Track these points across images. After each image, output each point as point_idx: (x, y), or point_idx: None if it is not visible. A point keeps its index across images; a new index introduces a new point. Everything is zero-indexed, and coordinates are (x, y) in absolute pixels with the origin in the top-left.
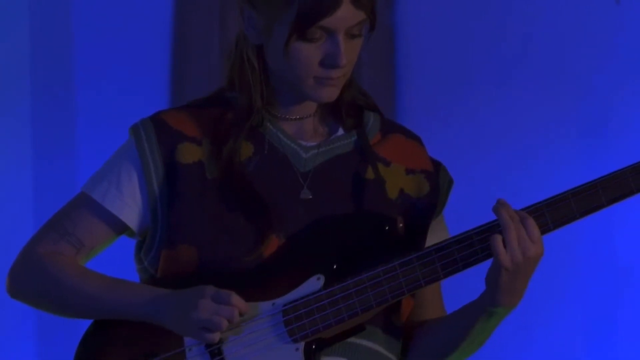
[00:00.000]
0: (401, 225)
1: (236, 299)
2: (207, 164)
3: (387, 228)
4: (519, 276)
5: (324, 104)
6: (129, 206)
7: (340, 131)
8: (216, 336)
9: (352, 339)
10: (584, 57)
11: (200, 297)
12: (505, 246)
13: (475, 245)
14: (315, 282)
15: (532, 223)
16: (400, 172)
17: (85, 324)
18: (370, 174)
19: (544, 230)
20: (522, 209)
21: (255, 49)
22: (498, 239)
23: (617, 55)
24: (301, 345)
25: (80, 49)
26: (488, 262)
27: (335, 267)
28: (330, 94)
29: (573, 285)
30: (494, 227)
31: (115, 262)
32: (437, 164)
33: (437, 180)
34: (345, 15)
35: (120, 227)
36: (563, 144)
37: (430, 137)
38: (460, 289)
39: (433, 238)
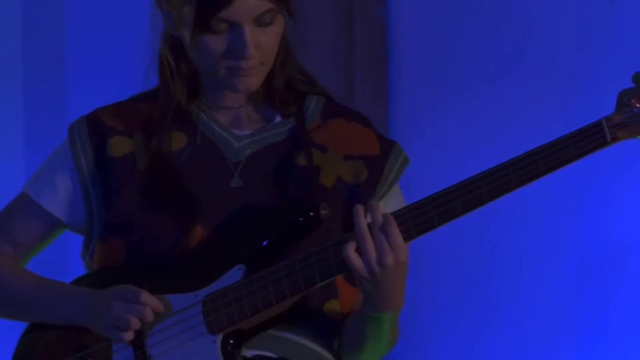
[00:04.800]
0: (325, 212)
1: (145, 297)
2: (138, 156)
3: (311, 214)
4: (383, 284)
5: (256, 92)
6: (64, 202)
7: (278, 118)
8: (127, 335)
9: (276, 332)
10: (578, 54)
11: (112, 296)
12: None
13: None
14: (236, 273)
15: (393, 229)
16: (338, 158)
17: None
18: (302, 161)
19: (407, 237)
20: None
21: (176, 41)
22: (349, 248)
23: (611, 53)
24: (219, 337)
25: (72, 46)
26: (489, 261)
27: (256, 256)
28: (247, 84)
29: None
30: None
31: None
32: (388, 144)
33: (385, 161)
34: (246, 6)
35: (55, 223)
36: None
37: (423, 132)
38: (461, 290)
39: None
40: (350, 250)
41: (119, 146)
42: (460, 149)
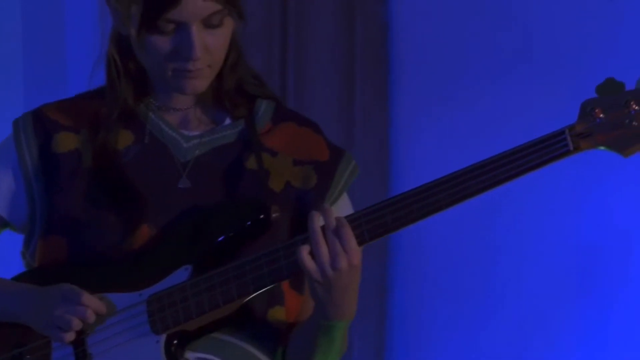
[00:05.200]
0: (276, 214)
1: (87, 298)
2: (84, 153)
3: (261, 217)
4: (336, 289)
5: (205, 94)
6: (7, 199)
7: (227, 121)
8: (68, 335)
9: (219, 336)
10: (578, 55)
11: (55, 295)
12: (314, 258)
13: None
14: (183, 273)
15: (347, 232)
16: (287, 163)
17: None
18: (252, 165)
19: (360, 241)
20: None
21: (124, 40)
22: (304, 251)
23: (611, 53)
24: (162, 337)
25: (72, 46)
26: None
27: (204, 257)
28: (193, 86)
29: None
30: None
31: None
32: (339, 152)
33: (335, 168)
34: (193, 8)
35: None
36: None
37: (423, 132)
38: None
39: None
40: (304, 252)
41: (65, 142)
42: (460, 149)
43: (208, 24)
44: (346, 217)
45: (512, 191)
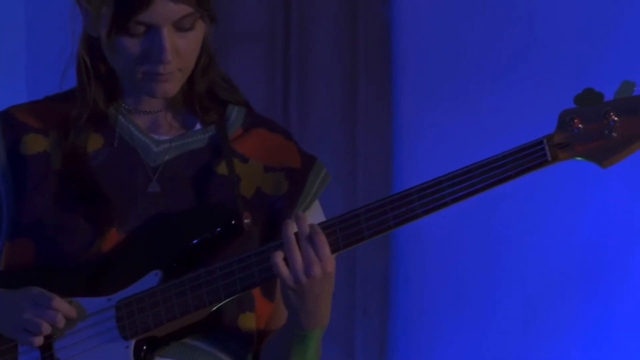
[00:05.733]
0: (247, 220)
1: (57, 302)
2: (53, 155)
3: (233, 222)
4: (309, 296)
5: (176, 98)
6: None
7: (198, 126)
8: (37, 340)
9: (190, 342)
10: (581, 54)
11: (23, 299)
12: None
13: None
14: (152, 278)
15: (321, 240)
16: (258, 169)
17: None
18: (223, 170)
19: (334, 249)
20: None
21: (95, 42)
22: (278, 257)
23: (614, 53)
24: (131, 343)
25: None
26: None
27: (174, 263)
28: (164, 89)
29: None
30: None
31: None
32: (310, 159)
33: (306, 176)
34: (164, 10)
35: None
36: None
37: (426, 132)
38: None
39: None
40: (279, 257)
41: (34, 144)
42: (463, 149)
43: (179, 27)
44: (321, 223)
45: (514, 190)
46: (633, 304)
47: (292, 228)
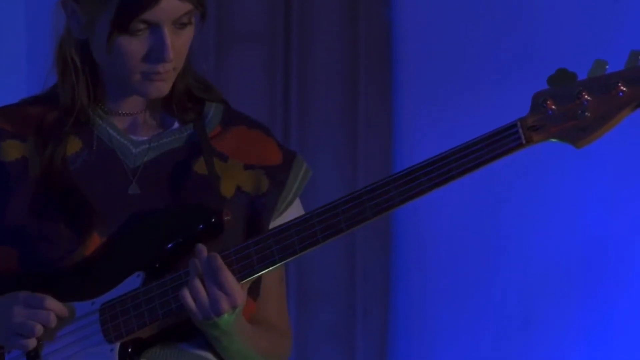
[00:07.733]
0: (227, 218)
1: (50, 302)
2: (31, 160)
3: (213, 220)
4: (221, 325)
5: (156, 99)
6: None
7: (176, 125)
8: (31, 342)
9: (175, 343)
10: (582, 54)
11: (13, 303)
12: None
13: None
14: (135, 280)
15: (225, 277)
16: (238, 168)
17: None
18: (202, 169)
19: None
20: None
21: (79, 44)
22: (185, 293)
23: (615, 53)
24: (116, 346)
25: None
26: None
27: (156, 263)
28: (159, 89)
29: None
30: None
31: None
32: (290, 155)
33: (287, 173)
34: (168, 7)
35: None
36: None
37: (427, 132)
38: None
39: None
40: (186, 293)
41: (11, 150)
42: None
43: (179, 22)
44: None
45: (516, 187)
46: (633, 305)
47: (197, 267)
